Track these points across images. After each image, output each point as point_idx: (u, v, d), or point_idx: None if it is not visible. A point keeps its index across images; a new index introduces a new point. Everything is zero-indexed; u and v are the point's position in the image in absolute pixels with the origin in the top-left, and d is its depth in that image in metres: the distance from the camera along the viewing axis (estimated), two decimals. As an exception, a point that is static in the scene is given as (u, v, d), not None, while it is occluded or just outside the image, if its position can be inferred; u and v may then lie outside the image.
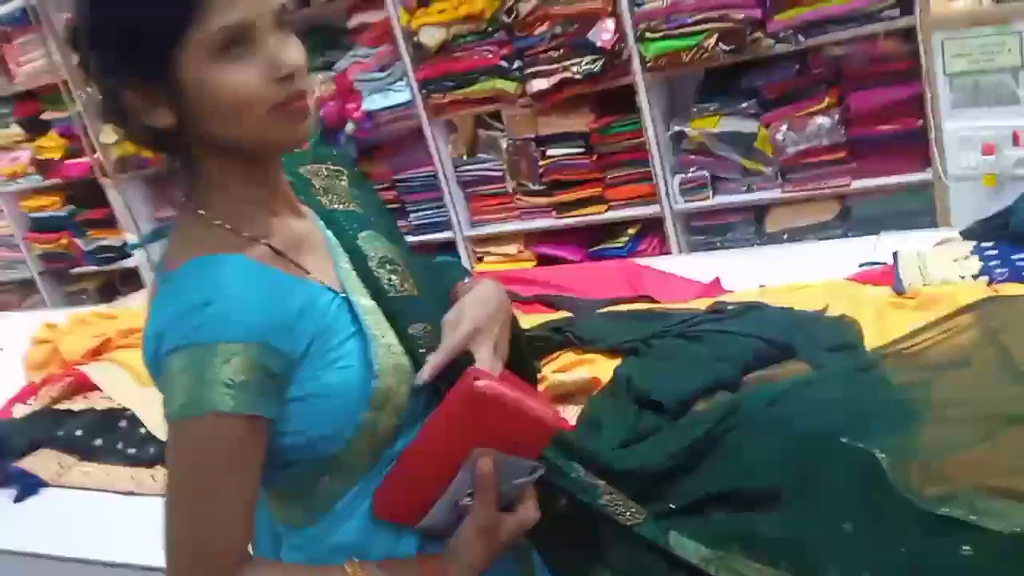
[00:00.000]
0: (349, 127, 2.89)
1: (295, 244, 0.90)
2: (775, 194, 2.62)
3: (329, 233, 0.96)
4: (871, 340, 1.37)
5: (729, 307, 1.57)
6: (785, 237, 2.64)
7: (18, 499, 1.65)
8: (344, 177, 1.05)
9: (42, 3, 3.32)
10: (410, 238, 3.06)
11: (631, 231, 2.85)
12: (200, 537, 0.82)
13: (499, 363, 0.92)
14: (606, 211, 2.83)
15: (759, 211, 2.71)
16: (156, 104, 0.82)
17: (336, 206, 0.99)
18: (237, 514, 0.82)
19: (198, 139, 0.85)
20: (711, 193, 2.69)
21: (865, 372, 1.27)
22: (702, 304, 1.64)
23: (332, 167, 1.05)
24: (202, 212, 0.87)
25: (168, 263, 0.87)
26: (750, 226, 2.74)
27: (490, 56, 2.70)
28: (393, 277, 0.95)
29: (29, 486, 1.65)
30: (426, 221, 3.05)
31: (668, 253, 2.75)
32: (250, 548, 0.86)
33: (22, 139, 3.78)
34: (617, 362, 1.48)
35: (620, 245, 2.83)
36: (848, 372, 1.27)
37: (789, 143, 2.55)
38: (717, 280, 1.79)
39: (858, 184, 2.49)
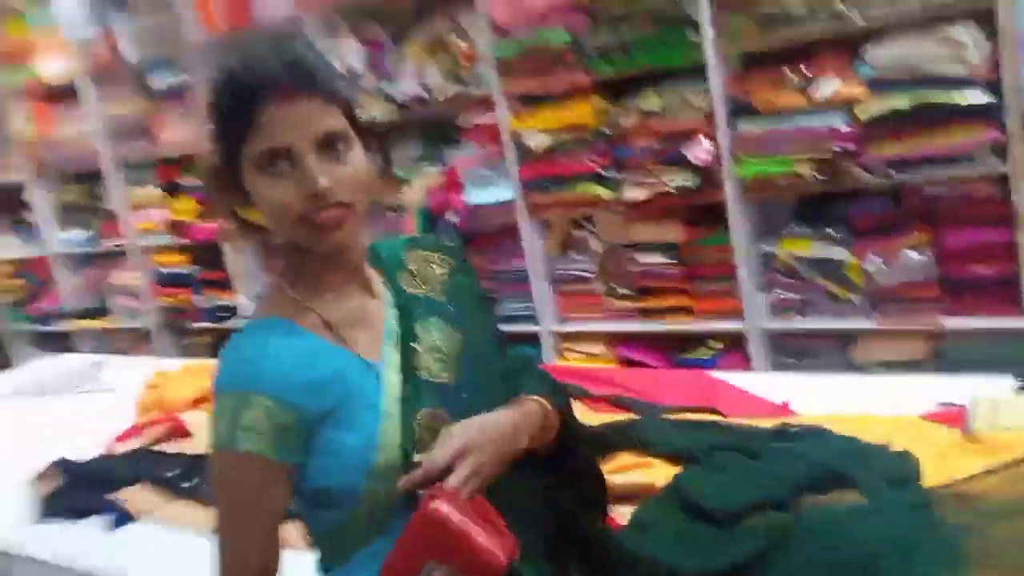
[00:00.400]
0: (451, 216, 3.06)
1: (350, 320, 1.05)
2: (864, 324, 2.62)
3: (392, 314, 1.09)
4: (933, 479, 1.37)
5: (793, 429, 1.60)
6: (872, 369, 2.61)
7: (112, 528, 1.79)
8: (447, 266, 1.17)
9: (194, 80, 3.67)
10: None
11: (717, 344, 2.88)
12: (229, 548, 0.99)
13: (473, 488, 0.94)
14: (692, 321, 2.87)
15: (847, 339, 2.71)
16: (237, 204, 1.02)
17: (416, 291, 1.11)
18: (258, 536, 0.98)
19: (267, 232, 1.03)
20: (799, 315, 2.71)
21: (919, 510, 1.27)
22: (767, 423, 1.67)
23: (442, 256, 1.19)
24: (280, 282, 1.05)
25: (251, 316, 1.06)
26: (836, 353, 2.73)
27: (589, 163, 2.84)
28: (434, 365, 1.07)
29: (121, 517, 1.79)
30: (515, 313, 3.16)
31: (750, 370, 2.77)
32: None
33: (160, 200, 4.09)
34: (674, 469, 1.53)
35: (705, 357, 2.87)
36: (901, 507, 1.28)
37: (880, 275, 2.55)
38: (787, 405, 1.82)
39: (951, 323, 2.46)
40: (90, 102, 4.03)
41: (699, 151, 2.66)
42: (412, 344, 1.07)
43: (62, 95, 4.18)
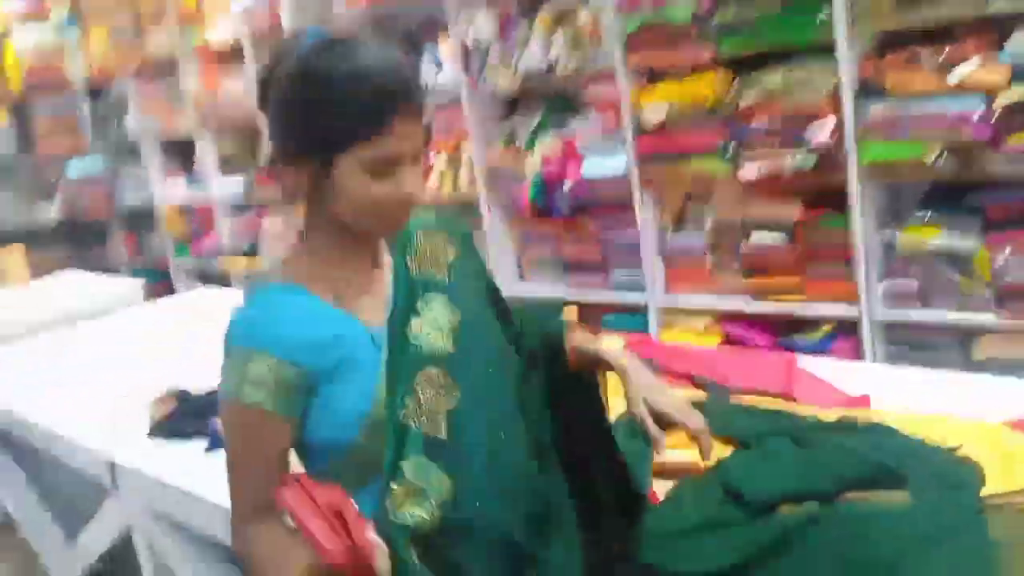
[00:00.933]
0: (566, 186, 3.09)
1: (358, 288, 1.14)
2: (988, 319, 2.46)
3: (396, 287, 1.17)
4: (1000, 489, 1.31)
5: (856, 423, 1.55)
6: (992, 368, 2.45)
7: (210, 448, 1.96)
8: (454, 249, 1.23)
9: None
10: (607, 296, 3.24)
11: (826, 328, 2.78)
12: (232, 487, 1.13)
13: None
14: (803, 303, 2.79)
15: (968, 335, 2.55)
16: (301, 172, 1.08)
17: (421, 269, 1.18)
18: (254, 478, 1.10)
19: (321, 210, 1.10)
20: (917, 306, 2.58)
21: (966, 517, 1.22)
22: (835, 414, 1.62)
23: (451, 238, 1.25)
24: (305, 244, 1.14)
25: (264, 276, 1.16)
26: (955, 349, 2.58)
27: (707, 138, 2.79)
28: (433, 334, 1.14)
29: (217, 438, 1.95)
30: (623, 284, 3.17)
31: (860, 359, 2.66)
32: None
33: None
34: (727, 450, 1.52)
35: (813, 341, 2.78)
36: (946, 511, 1.23)
37: (1011, 269, 2.39)
38: (866, 398, 1.75)
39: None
40: (251, 64, 4.32)
41: (821, 132, 2.56)
42: (413, 318, 1.13)
43: (227, 57, 4.50)
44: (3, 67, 5.37)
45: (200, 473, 1.83)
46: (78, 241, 5.74)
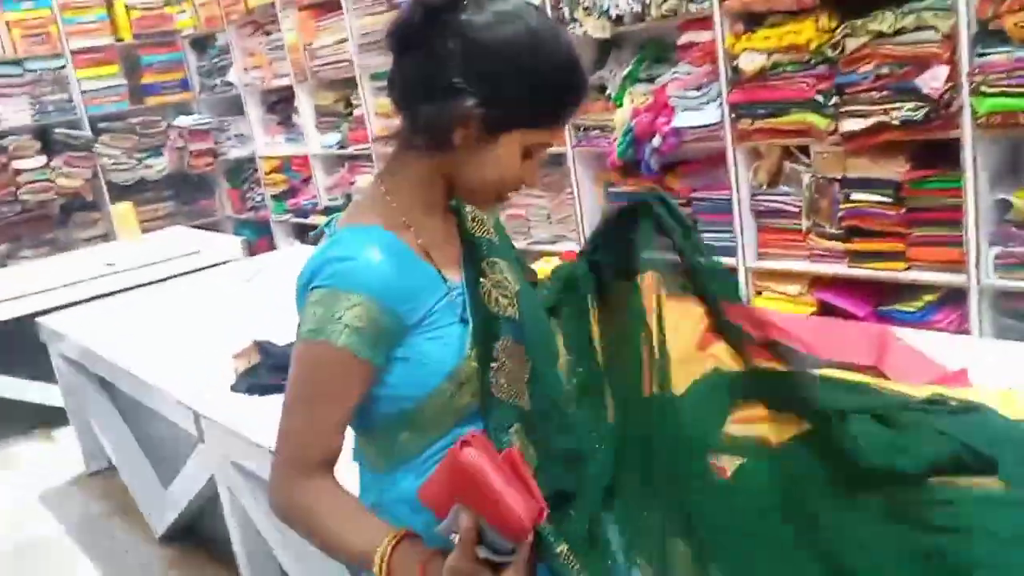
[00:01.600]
0: (656, 140, 2.97)
1: (437, 241, 1.10)
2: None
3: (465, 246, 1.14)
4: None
5: (949, 402, 1.43)
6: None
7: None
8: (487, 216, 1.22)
9: None
10: (695, 257, 3.09)
11: (928, 297, 2.60)
12: (290, 435, 1.04)
13: None
14: (905, 269, 2.61)
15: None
16: (465, 128, 1.01)
17: (478, 232, 1.16)
18: (321, 427, 1.03)
19: (454, 160, 1.06)
20: (1033, 274, 2.37)
21: None
22: (926, 391, 1.51)
23: None
24: (385, 193, 1.09)
25: (341, 220, 1.10)
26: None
27: (806, 88, 2.61)
28: (501, 298, 1.10)
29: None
30: (713, 243, 3.04)
31: (967, 332, 2.48)
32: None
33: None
34: (799, 427, 1.43)
35: (914, 310, 2.60)
36: None
37: None
38: (964, 372, 1.62)
39: None
40: (348, 15, 4.31)
41: (934, 80, 2.36)
42: (482, 279, 1.10)
43: (324, 7, 4.51)
44: (114, 20, 5.55)
45: (273, 427, 1.86)
46: (185, 194, 5.95)
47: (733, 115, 2.82)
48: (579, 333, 1.26)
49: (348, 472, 1.14)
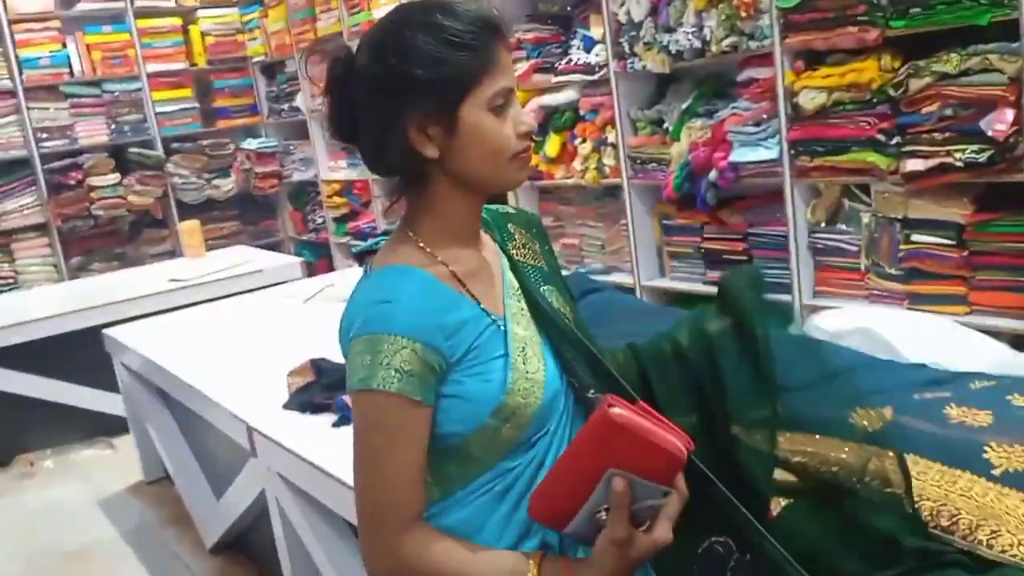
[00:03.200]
0: (712, 174, 2.97)
1: (473, 272, 1.09)
2: None
3: (509, 274, 1.13)
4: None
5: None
6: None
7: (336, 424, 2.03)
8: (538, 244, 1.22)
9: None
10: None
11: (992, 342, 2.54)
12: (374, 496, 1.02)
13: None
14: (967, 313, 2.56)
15: None
16: (430, 139, 1.03)
17: (526, 260, 1.16)
18: (402, 479, 1.01)
19: (445, 171, 1.05)
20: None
21: None
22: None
23: (535, 231, 1.24)
24: (411, 233, 1.09)
25: (374, 265, 1.10)
26: None
27: (867, 127, 2.60)
28: (565, 323, 1.11)
29: (344, 416, 2.03)
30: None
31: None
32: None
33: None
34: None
35: (976, 355, 2.55)
36: None
37: None
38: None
39: None
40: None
41: (999, 122, 2.33)
42: (546, 305, 1.10)
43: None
44: (189, 45, 5.76)
45: (325, 447, 1.90)
46: (249, 215, 6.11)
47: (792, 152, 2.80)
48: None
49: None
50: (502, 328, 1.08)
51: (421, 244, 1.08)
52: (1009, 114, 2.30)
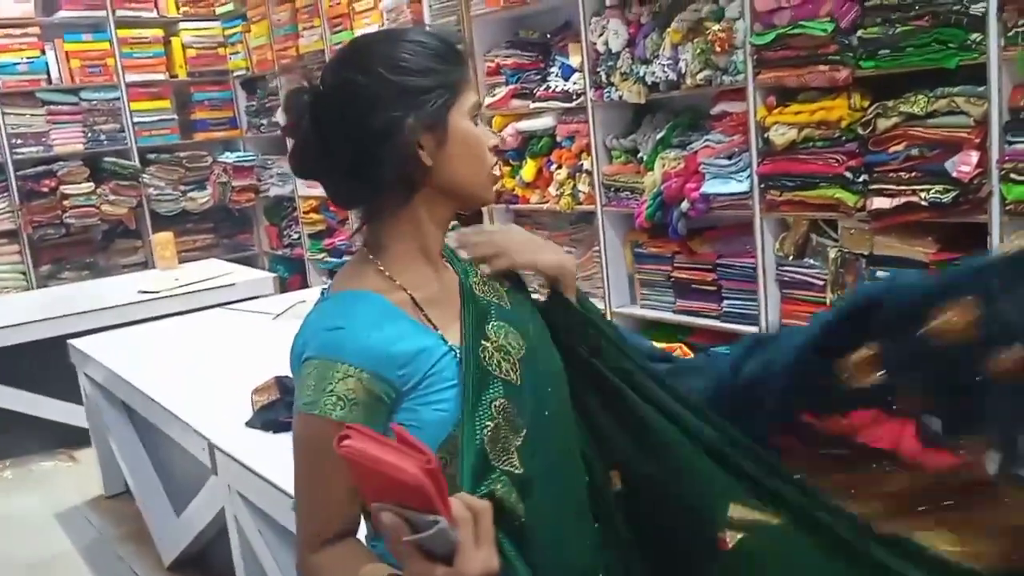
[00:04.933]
0: (684, 204, 3.00)
1: (432, 299, 1.08)
2: None
3: (467, 307, 1.11)
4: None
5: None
6: None
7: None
8: (498, 282, 1.18)
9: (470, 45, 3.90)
10: (718, 324, 3.12)
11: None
12: (299, 512, 1.03)
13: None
14: (930, 349, 2.59)
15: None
16: (422, 148, 1.03)
17: (485, 295, 1.14)
18: (324, 504, 1.01)
19: (432, 183, 1.06)
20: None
21: None
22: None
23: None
24: (371, 256, 1.08)
25: (332, 287, 1.10)
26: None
27: (836, 164, 2.64)
28: (503, 363, 1.07)
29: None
30: (736, 311, 3.05)
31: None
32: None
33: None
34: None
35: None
36: None
37: None
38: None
39: None
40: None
41: (964, 164, 2.38)
42: (483, 342, 1.07)
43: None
44: (171, 56, 5.75)
45: (287, 466, 1.88)
46: (224, 228, 6.08)
47: (762, 185, 2.85)
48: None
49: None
50: (458, 357, 1.05)
51: (381, 267, 1.07)
52: (974, 156, 2.36)
